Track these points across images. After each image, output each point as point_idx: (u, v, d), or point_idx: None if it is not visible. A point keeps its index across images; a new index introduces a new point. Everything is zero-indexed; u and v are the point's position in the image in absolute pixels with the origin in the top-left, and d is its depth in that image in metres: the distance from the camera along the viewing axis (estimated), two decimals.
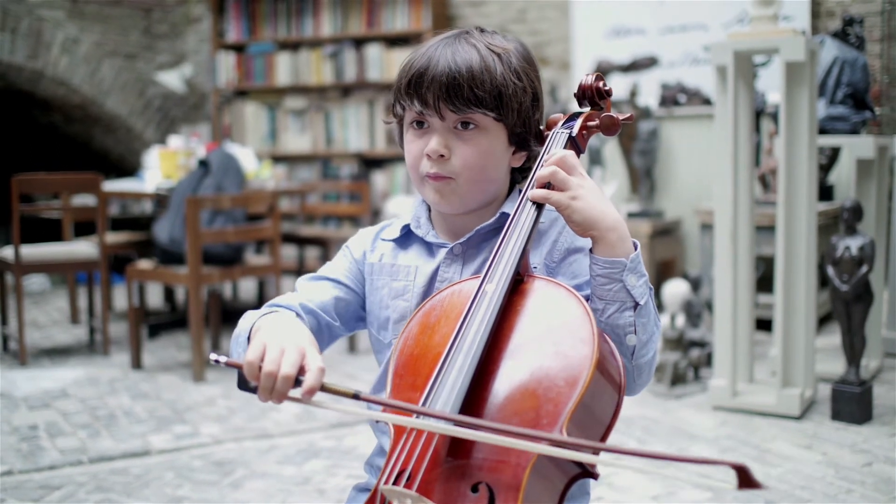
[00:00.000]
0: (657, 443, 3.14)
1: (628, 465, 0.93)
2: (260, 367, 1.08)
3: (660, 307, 4.96)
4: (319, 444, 3.21)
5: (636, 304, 1.20)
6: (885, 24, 5.15)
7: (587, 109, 1.36)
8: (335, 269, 1.45)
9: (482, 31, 1.35)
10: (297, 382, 1.07)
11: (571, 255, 1.33)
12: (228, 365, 1.10)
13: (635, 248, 1.23)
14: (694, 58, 5.74)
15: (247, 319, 1.31)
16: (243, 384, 1.12)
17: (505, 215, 1.33)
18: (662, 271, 5.43)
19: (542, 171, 1.23)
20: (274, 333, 1.14)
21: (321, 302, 1.39)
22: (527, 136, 1.36)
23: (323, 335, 1.39)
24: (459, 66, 1.27)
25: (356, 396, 1.06)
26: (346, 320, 1.44)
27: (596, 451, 1.03)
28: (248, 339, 1.25)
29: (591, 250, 1.22)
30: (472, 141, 1.30)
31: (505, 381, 1.11)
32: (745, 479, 0.90)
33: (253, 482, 2.87)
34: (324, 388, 1.07)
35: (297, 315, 1.33)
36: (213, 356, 1.10)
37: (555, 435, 1.02)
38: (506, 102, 1.29)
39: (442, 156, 1.30)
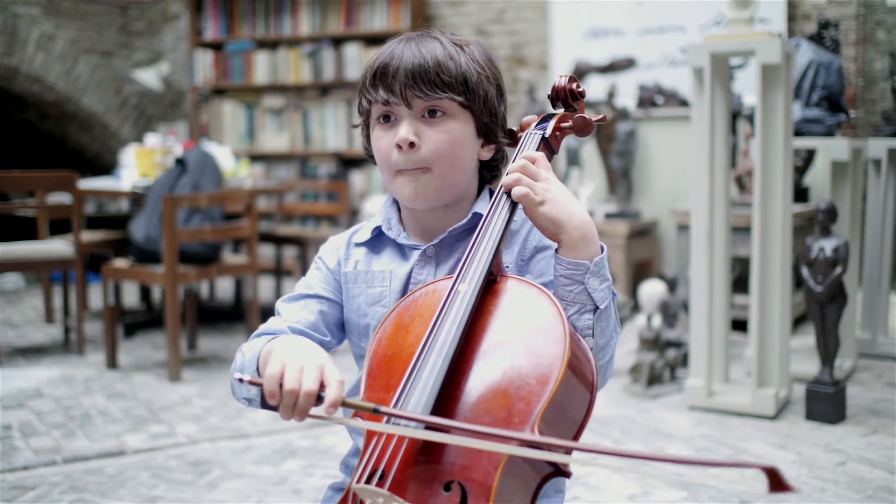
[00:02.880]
0: (634, 443, 3.15)
1: (651, 471, 0.92)
2: (281, 386, 1.08)
3: (636, 307, 4.99)
4: (296, 444, 3.20)
5: (596, 308, 1.20)
6: (860, 27, 5.20)
7: (560, 111, 1.37)
8: (312, 284, 1.44)
9: (442, 31, 1.37)
10: (318, 399, 1.08)
11: (539, 253, 1.34)
12: (252, 384, 1.11)
13: (602, 252, 1.23)
14: (671, 59, 5.77)
15: (247, 351, 1.30)
16: (266, 403, 1.12)
17: (477, 215, 1.33)
18: (639, 272, 5.46)
19: (506, 178, 1.24)
20: (291, 353, 1.13)
21: (308, 322, 1.39)
22: (494, 128, 1.36)
23: None
24: (424, 56, 1.29)
25: (375, 411, 1.05)
26: (336, 333, 1.44)
27: (568, 451, 1.04)
28: (257, 368, 1.25)
29: (556, 251, 1.22)
30: (440, 127, 1.31)
31: (477, 381, 1.11)
32: (777, 482, 0.85)
33: (229, 482, 2.86)
34: (344, 403, 1.07)
35: None
36: (237, 374, 1.13)
37: (525, 434, 1.02)
38: (472, 88, 1.31)
39: (412, 144, 1.30)
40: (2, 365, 4.38)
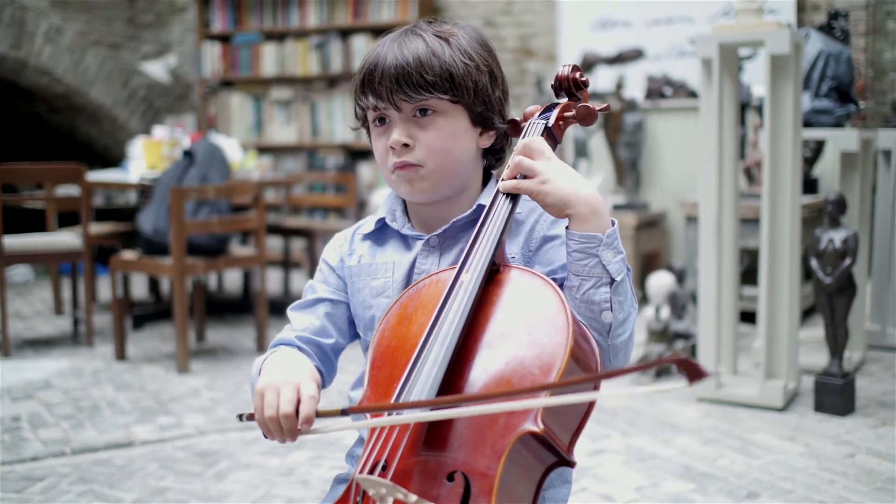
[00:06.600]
0: (641, 434, 3.15)
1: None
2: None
3: (644, 299, 4.98)
4: (304, 436, 3.20)
5: (612, 280, 1.19)
6: (870, 17, 5.17)
7: (564, 100, 1.36)
8: (317, 288, 1.46)
9: (430, 22, 1.36)
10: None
11: (547, 242, 1.33)
12: (250, 419, 1.19)
13: (613, 225, 1.22)
14: (680, 50, 5.74)
15: (256, 365, 1.35)
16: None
17: (482, 207, 1.32)
18: (647, 263, 5.45)
19: (509, 163, 1.24)
20: (269, 377, 1.20)
21: (315, 327, 1.41)
22: (489, 115, 1.35)
23: (329, 357, 1.41)
24: (406, 57, 1.28)
25: (344, 412, 1.09)
26: (346, 331, 1.45)
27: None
28: None
29: (567, 227, 1.21)
30: (432, 125, 1.30)
31: (480, 371, 1.11)
32: (693, 372, 0.91)
33: (237, 473, 2.87)
34: (318, 414, 1.12)
35: (299, 349, 1.37)
36: (237, 414, 1.21)
37: (530, 413, 1.03)
38: (458, 83, 1.30)
39: (405, 145, 1.30)
40: (11, 357, 4.39)
